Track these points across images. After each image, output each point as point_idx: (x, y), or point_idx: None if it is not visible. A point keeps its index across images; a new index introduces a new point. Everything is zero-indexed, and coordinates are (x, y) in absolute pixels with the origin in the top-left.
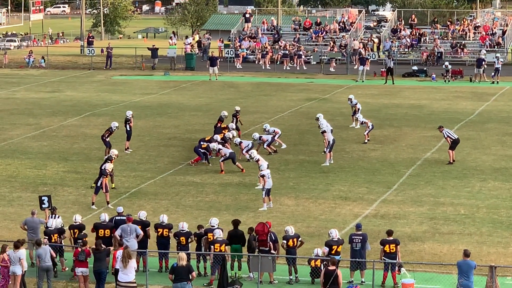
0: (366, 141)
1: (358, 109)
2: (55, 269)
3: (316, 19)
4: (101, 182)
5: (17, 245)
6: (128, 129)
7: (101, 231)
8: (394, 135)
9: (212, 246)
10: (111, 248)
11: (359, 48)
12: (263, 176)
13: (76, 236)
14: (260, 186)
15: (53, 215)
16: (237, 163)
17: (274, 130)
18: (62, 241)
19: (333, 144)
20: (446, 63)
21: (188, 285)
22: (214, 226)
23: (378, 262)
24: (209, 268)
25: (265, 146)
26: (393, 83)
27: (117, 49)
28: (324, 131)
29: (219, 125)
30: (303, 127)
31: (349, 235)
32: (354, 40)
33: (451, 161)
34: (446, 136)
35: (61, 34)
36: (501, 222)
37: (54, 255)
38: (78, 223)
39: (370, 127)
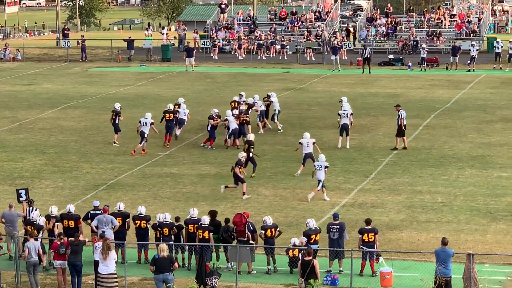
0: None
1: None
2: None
3: (292, 9)
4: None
5: None
6: (116, 121)
7: (65, 222)
8: (371, 124)
9: (196, 232)
10: (87, 239)
11: (328, 38)
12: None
13: (52, 227)
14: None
15: (31, 208)
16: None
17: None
18: (41, 235)
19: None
20: (423, 46)
21: (170, 276)
22: (194, 217)
23: (356, 251)
24: (187, 259)
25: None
26: (369, 72)
27: (93, 41)
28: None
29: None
30: (280, 116)
31: (326, 224)
32: (323, 30)
33: (401, 148)
34: (401, 118)
35: (40, 26)
36: (478, 209)
37: (41, 251)
38: (54, 214)
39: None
